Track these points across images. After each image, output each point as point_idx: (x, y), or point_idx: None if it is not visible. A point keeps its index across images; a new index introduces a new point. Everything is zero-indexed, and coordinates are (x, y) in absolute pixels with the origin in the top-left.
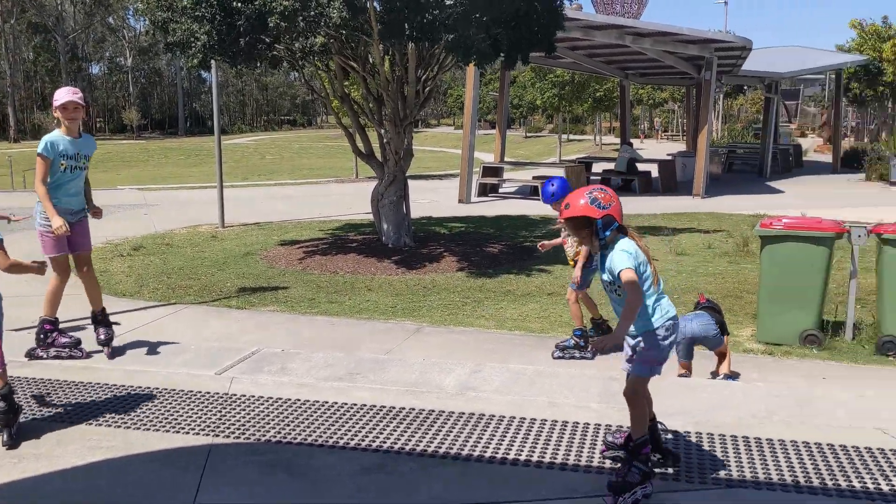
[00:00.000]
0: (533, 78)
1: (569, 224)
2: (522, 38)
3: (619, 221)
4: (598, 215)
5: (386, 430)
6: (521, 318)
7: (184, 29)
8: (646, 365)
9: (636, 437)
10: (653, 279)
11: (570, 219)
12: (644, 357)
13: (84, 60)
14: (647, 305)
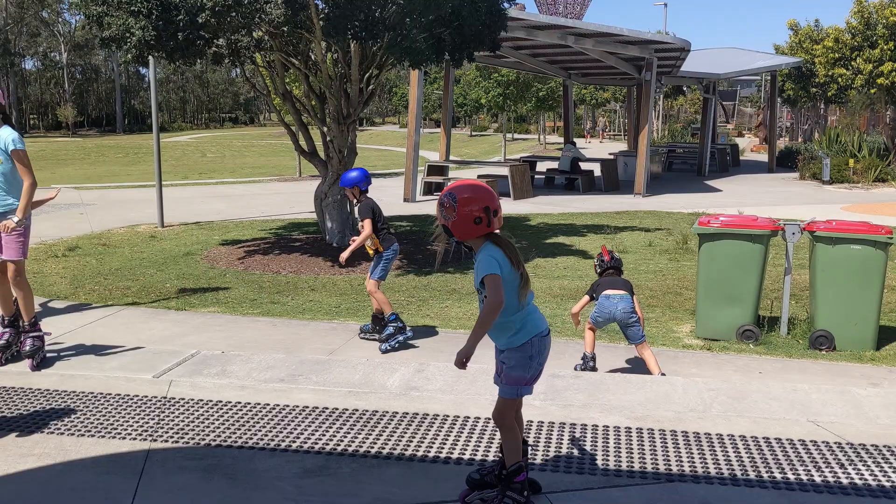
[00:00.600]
0: (477, 77)
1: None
2: (466, 38)
3: (461, 238)
4: (439, 220)
5: (328, 431)
6: (466, 316)
7: (119, 23)
8: (512, 386)
9: (509, 463)
10: (520, 292)
11: None
12: (509, 377)
13: (17, 55)
14: (513, 320)
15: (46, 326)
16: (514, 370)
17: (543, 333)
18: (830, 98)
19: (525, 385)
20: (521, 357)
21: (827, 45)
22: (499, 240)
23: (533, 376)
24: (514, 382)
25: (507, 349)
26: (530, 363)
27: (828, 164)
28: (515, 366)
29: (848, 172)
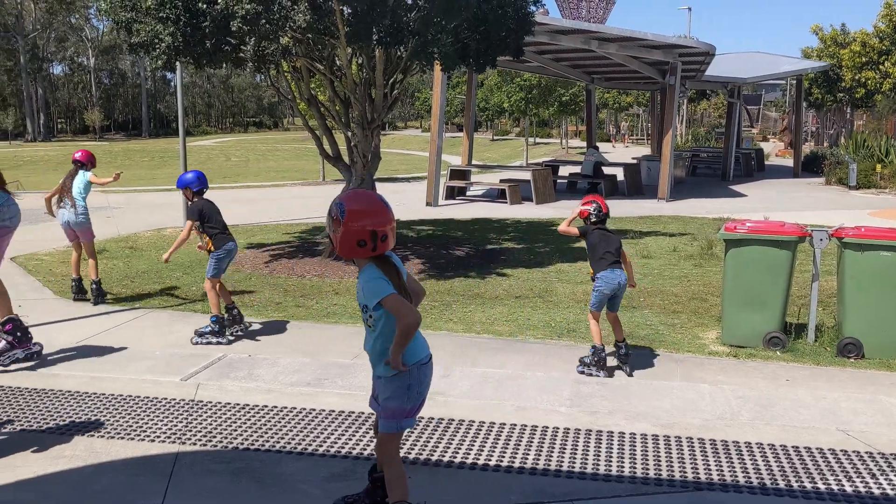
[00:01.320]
0: (500, 81)
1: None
2: (491, 43)
3: (342, 255)
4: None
5: (355, 435)
6: (489, 321)
7: (148, 30)
8: (390, 420)
9: (394, 500)
10: None
11: None
12: (387, 409)
13: (45, 60)
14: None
15: (75, 329)
16: (391, 401)
17: (423, 361)
18: (857, 102)
19: (406, 417)
20: (399, 387)
21: (854, 50)
22: (382, 263)
23: (414, 407)
24: (392, 415)
25: (384, 377)
26: (408, 393)
27: (854, 169)
28: (392, 396)
29: (875, 178)
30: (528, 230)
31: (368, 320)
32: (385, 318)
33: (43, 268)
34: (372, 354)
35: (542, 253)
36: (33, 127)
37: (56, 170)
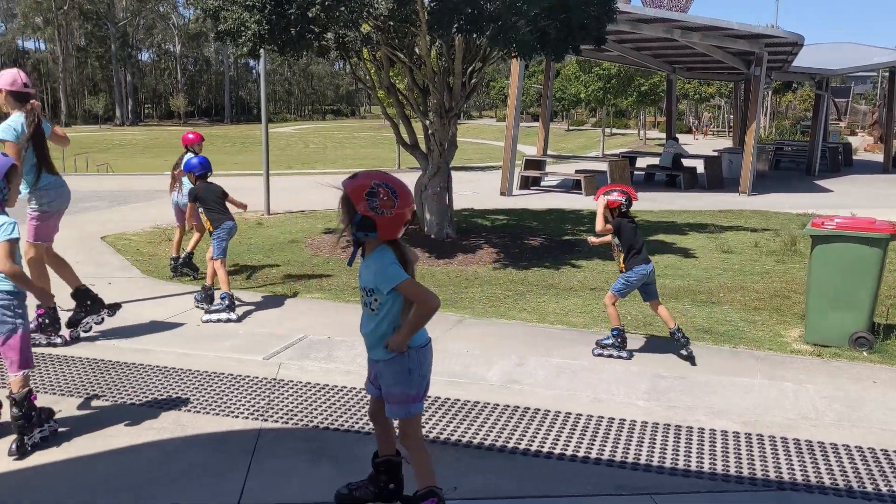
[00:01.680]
0: (577, 71)
1: (340, 203)
2: (572, 31)
3: (389, 237)
4: (360, 209)
5: (431, 419)
6: (563, 312)
7: (234, 17)
8: (399, 406)
9: (423, 485)
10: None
11: (344, 193)
12: (392, 395)
13: (134, 48)
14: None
15: (161, 307)
16: (395, 387)
17: (423, 344)
18: None
19: (413, 402)
20: (399, 372)
21: None
22: (397, 247)
23: (419, 392)
24: (399, 401)
25: (382, 360)
26: (410, 378)
27: None
28: (395, 382)
29: None
30: None
31: (372, 303)
32: (392, 302)
33: (131, 247)
34: (371, 337)
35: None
36: (122, 112)
37: (143, 153)
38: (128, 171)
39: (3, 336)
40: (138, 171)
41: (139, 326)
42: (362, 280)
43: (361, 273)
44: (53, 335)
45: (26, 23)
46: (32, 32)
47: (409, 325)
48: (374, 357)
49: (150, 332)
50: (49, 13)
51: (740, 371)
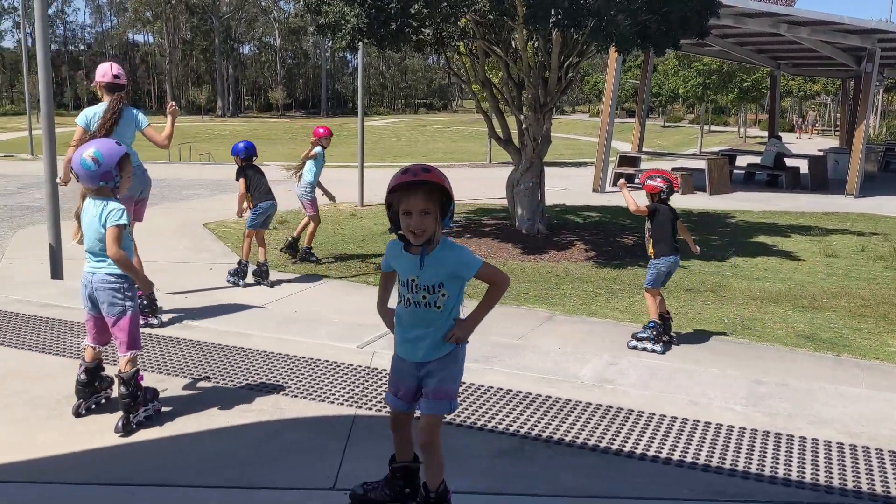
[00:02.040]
0: (676, 66)
1: (420, 193)
2: (672, 25)
3: None
4: (452, 197)
5: (522, 415)
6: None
7: (335, 11)
8: (444, 400)
9: (437, 483)
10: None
11: (425, 183)
12: (444, 391)
13: (236, 41)
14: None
15: (259, 294)
16: (448, 383)
17: None
18: None
19: (455, 398)
20: (458, 365)
21: None
22: None
23: (458, 386)
24: (446, 395)
25: (435, 360)
26: (461, 369)
27: None
28: (449, 377)
29: None
30: (701, 221)
31: (439, 300)
32: (458, 293)
33: (231, 235)
34: (431, 340)
35: (715, 245)
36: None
37: None
38: (228, 161)
39: (113, 317)
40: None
41: (239, 311)
42: (425, 278)
43: (422, 271)
44: (151, 317)
45: (136, 17)
46: (142, 26)
47: (484, 306)
48: (430, 357)
49: (250, 317)
50: (157, 7)
51: (844, 380)
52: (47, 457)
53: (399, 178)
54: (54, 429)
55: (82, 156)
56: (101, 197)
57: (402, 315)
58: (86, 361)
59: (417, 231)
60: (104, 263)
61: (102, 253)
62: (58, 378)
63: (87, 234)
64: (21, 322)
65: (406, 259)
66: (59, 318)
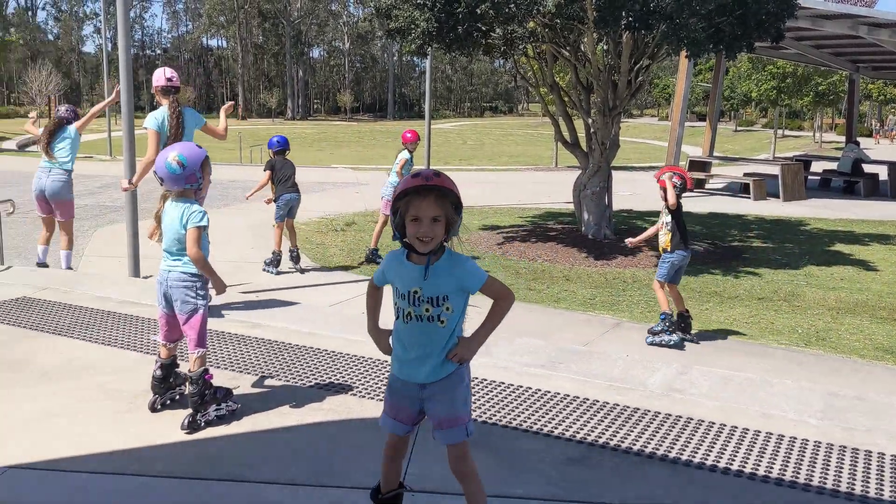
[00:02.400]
0: (749, 69)
1: (430, 198)
2: (748, 28)
3: None
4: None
5: (589, 422)
6: (728, 321)
7: (405, 16)
8: (460, 427)
9: None
10: None
11: (436, 188)
12: (455, 418)
13: (306, 45)
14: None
15: (328, 294)
16: (458, 406)
17: None
18: None
19: (470, 418)
20: (465, 386)
21: None
22: None
23: (470, 407)
24: (459, 421)
25: (438, 381)
26: (468, 390)
27: None
28: (459, 399)
29: None
30: (774, 228)
31: (443, 313)
32: (463, 307)
33: (301, 236)
34: (434, 358)
35: (789, 254)
36: (293, 106)
37: (311, 146)
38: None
39: (186, 315)
40: (307, 164)
41: (308, 311)
42: (430, 289)
43: (426, 282)
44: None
45: (210, 21)
46: (216, 31)
47: (490, 323)
48: (433, 378)
49: (318, 316)
50: (231, 12)
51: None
52: (126, 449)
53: (409, 181)
54: (133, 422)
55: (167, 159)
56: (183, 199)
57: (402, 332)
58: (161, 358)
59: (426, 238)
60: (180, 262)
61: (179, 253)
62: (135, 373)
63: (167, 233)
64: (100, 318)
65: (409, 269)
66: (136, 314)
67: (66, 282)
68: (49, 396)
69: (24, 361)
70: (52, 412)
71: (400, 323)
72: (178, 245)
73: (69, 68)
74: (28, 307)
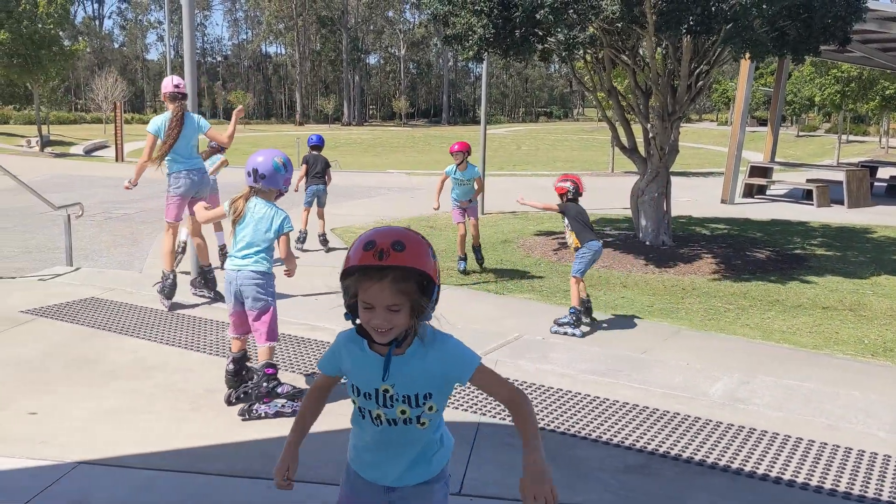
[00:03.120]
0: (812, 73)
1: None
2: (813, 31)
3: None
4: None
5: (649, 431)
6: (791, 330)
7: (462, 22)
8: None
9: None
10: None
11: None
12: None
13: (362, 52)
14: (440, 426)
15: None
16: None
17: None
18: None
19: None
20: (447, 488)
21: None
22: None
23: None
24: None
25: (423, 483)
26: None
27: None
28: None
29: None
30: (839, 236)
31: (425, 413)
32: (444, 402)
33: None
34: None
35: (855, 262)
36: (349, 112)
37: (366, 152)
38: (353, 168)
39: (257, 311)
40: (363, 169)
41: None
42: (403, 386)
43: (396, 379)
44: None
45: (269, 29)
46: (275, 38)
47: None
48: (407, 482)
49: None
50: (290, 20)
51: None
52: (190, 448)
53: (358, 253)
54: (196, 420)
55: (273, 159)
56: (268, 201)
57: (366, 431)
58: (232, 352)
59: (381, 329)
60: (250, 261)
61: (254, 252)
62: (198, 373)
63: (248, 230)
64: (165, 319)
65: (372, 360)
66: (199, 315)
67: (131, 283)
68: (116, 394)
69: (92, 360)
70: (118, 410)
71: (364, 422)
72: (256, 246)
73: (133, 75)
74: (96, 307)
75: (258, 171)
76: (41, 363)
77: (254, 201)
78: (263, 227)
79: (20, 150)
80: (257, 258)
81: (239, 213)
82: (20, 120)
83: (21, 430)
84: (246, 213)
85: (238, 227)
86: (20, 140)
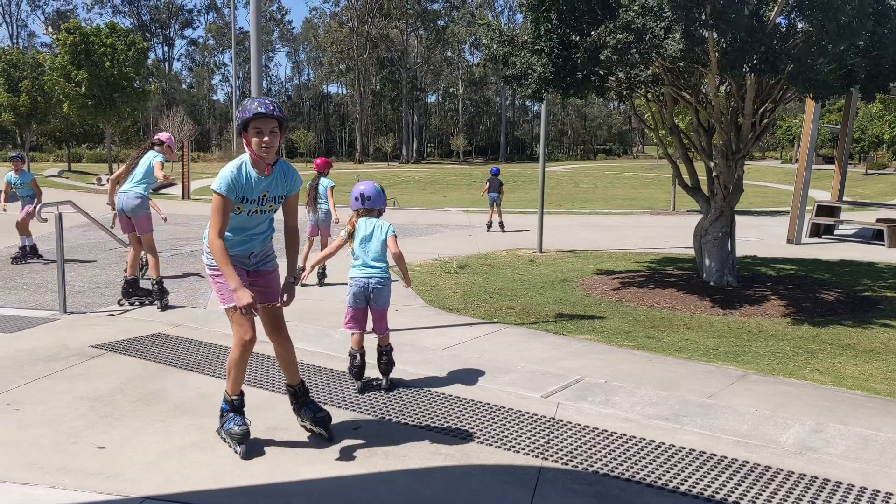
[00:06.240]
0: (881, 109)
1: None
2: (882, 69)
3: None
4: None
5: (718, 479)
6: (864, 376)
7: (522, 62)
8: None
9: None
10: None
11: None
12: None
13: (422, 91)
14: None
15: (443, 336)
16: None
17: None
18: None
19: None
20: None
21: None
22: None
23: None
24: None
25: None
26: None
27: None
28: None
29: None
30: None
31: None
32: None
33: (415, 277)
34: None
35: None
36: (407, 150)
37: (424, 189)
38: (411, 206)
39: (382, 308)
40: (421, 206)
41: (424, 353)
42: None
43: None
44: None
45: (330, 69)
46: (335, 78)
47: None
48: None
49: (434, 359)
50: (351, 61)
51: None
52: (258, 485)
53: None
54: (262, 459)
55: (374, 185)
56: (373, 217)
57: None
58: (355, 348)
59: None
60: (379, 269)
61: (379, 260)
62: (265, 410)
63: (367, 244)
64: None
65: None
66: (265, 353)
67: (197, 319)
68: (183, 430)
69: (158, 395)
70: (185, 445)
71: None
72: (378, 253)
73: (200, 115)
74: (163, 343)
75: (364, 195)
76: (111, 398)
77: (363, 221)
78: (380, 235)
79: (91, 188)
80: (385, 266)
81: (350, 231)
82: (92, 158)
83: (90, 464)
84: (359, 230)
85: (356, 243)
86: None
